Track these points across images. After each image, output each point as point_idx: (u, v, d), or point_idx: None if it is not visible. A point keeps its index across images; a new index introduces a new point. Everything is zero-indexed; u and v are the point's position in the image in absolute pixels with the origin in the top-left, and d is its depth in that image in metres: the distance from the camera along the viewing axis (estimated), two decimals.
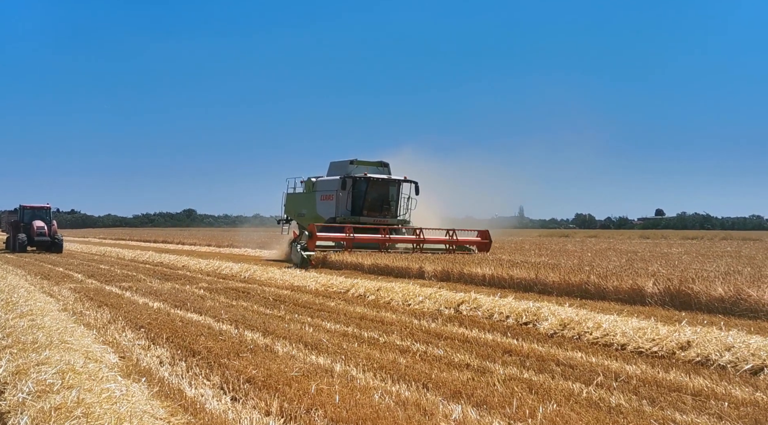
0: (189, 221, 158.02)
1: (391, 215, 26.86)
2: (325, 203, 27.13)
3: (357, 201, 26.32)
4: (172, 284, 17.22)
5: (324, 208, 27.09)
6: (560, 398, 6.09)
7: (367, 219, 25.89)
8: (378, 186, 26.80)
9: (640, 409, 5.78)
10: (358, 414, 5.53)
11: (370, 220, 25.87)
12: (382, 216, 26.52)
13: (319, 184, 28.09)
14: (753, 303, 10.91)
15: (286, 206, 30.40)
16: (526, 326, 10.33)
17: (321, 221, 25.85)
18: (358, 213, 26.13)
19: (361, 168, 26.94)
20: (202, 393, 6.35)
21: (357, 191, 26.37)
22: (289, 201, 30.28)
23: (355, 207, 26.29)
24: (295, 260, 22.80)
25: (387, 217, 26.61)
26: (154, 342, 8.87)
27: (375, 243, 24.01)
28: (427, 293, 13.39)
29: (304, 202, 28.87)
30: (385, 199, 26.96)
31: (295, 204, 29.76)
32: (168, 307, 12.46)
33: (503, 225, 50.37)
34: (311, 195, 28.26)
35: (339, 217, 25.99)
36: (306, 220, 27.76)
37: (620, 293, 12.96)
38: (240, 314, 11.44)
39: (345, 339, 9.17)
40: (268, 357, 7.84)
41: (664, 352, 8.10)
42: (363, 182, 26.35)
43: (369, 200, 26.47)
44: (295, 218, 29.65)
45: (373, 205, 26.65)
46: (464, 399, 6.04)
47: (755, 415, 5.57)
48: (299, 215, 29.08)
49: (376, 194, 26.77)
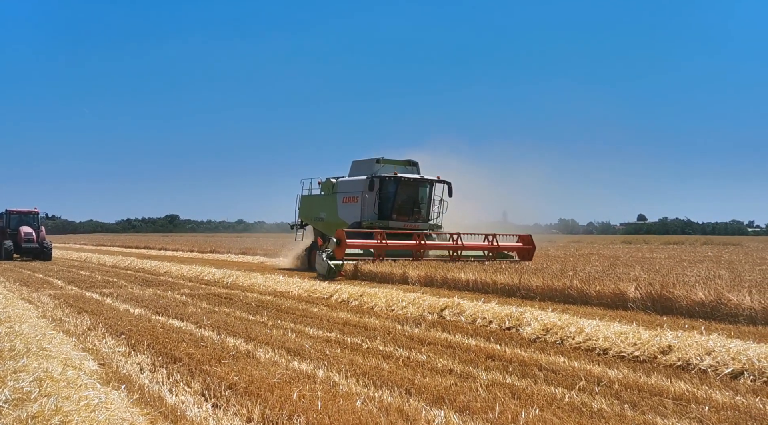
0: (172, 227, 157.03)
1: (422, 219, 24.40)
2: (348, 206, 24.67)
3: (385, 204, 23.83)
4: (154, 290, 17.08)
5: (347, 211, 24.62)
6: (543, 403, 6.09)
7: (396, 224, 23.51)
8: (409, 187, 24.26)
9: (622, 414, 5.80)
10: (341, 420, 5.49)
11: (400, 224, 23.53)
12: (412, 220, 24.12)
13: (341, 185, 25.47)
14: (733, 308, 11.00)
15: (301, 210, 27.69)
16: (509, 331, 10.35)
17: (343, 225, 23.35)
18: (387, 217, 23.66)
19: (387, 168, 24.45)
20: (183, 400, 6.28)
21: (386, 193, 23.84)
22: (304, 204, 27.58)
23: (384, 210, 23.79)
24: (321, 270, 20.02)
25: (418, 221, 24.23)
26: (134, 349, 8.78)
27: (406, 250, 21.68)
28: (410, 298, 13.38)
29: (322, 205, 26.22)
30: (416, 201, 24.48)
31: (311, 207, 27.06)
32: (149, 313, 12.35)
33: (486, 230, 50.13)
34: (331, 197, 25.62)
35: (365, 221, 23.55)
36: (326, 225, 25.50)
37: (603, 297, 13.02)
38: (222, 321, 11.36)
39: (328, 344, 9.13)
40: (250, 363, 7.78)
41: (646, 356, 8.15)
42: (392, 182, 23.73)
43: (399, 203, 23.94)
44: (311, 222, 27.05)
45: (404, 208, 24.16)
46: (447, 405, 6.02)
47: (735, 419, 5.60)
48: (317, 220, 26.44)
49: (406, 196, 24.24)
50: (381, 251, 20.76)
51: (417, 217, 24.27)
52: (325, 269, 19.57)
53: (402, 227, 23.27)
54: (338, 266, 19.65)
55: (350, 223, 23.71)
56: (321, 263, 20.04)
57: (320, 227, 25.98)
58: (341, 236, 20.48)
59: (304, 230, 27.74)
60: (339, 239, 20.49)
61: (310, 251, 25.26)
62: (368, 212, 23.74)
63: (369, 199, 23.68)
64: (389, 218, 23.57)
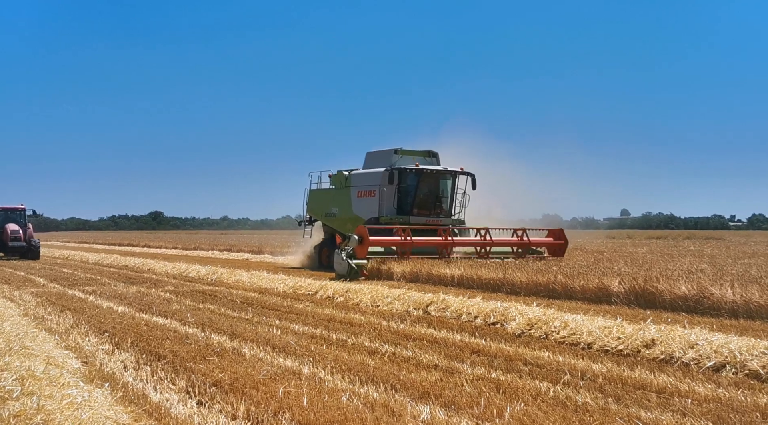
0: (155, 224, 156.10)
1: (444, 214, 22.81)
2: (364, 200, 23.04)
3: (406, 198, 22.26)
4: (138, 287, 16.96)
5: (363, 206, 23.00)
6: (528, 397, 6.12)
7: (417, 219, 21.92)
8: (431, 179, 22.65)
9: (606, 407, 5.84)
10: (326, 416, 5.49)
11: (421, 220, 21.96)
12: (434, 215, 22.55)
13: (356, 178, 23.81)
14: (715, 301, 11.11)
15: (309, 205, 26.09)
16: (494, 326, 10.38)
17: (358, 221, 21.84)
18: (407, 212, 22.10)
19: (406, 159, 22.89)
20: (168, 398, 6.25)
21: (406, 186, 22.28)
22: (313, 199, 25.92)
23: (404, 205, 22.25)
24: (340, 270, 18.41)
25: (440, 216, 22.66)
26: (118, 347, 8.72)
27: (431, 248, 20.15)
28: (395, 294, 13.39)
29: (334, 199, 24.57)
30: (438, 195, 22.88)
31: (321, 202, 25.38)
32: (133, 311, 12.27)
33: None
34: (344, 192, 23.98)
35: (384, 217, 21.92)
36: (338, 221, 23.91)
37: (587, 292, 13.10)
38: (207, 318, 11.31)
39: (313, 341, 9.12)
40: (235, 360, 7.75)
41: (630, 350, 8.20)
42: (413, 175, 22.14)
43: (420, 197, 22.36)
44: (321, 218, 25.32)
45: (425, 202, 22.56)
46: (432, 400, 6.03)
47: (718, 411, 5.66)
48: (328, 215, 24.73)
49: (428, 189, 22.65)
50: (406, 249, 19.35)
51: (439, 212, 22.77)
52: (346, 269, 18.04)
53: (424, 222, 21.79)
54: (360, 265, 18.16)
55: (367, 219, 22.12)
56: (341, 263, 18.40)
57: (332, 223, 24.45)
58: (363, 232, 18.90)
59: (312, 227, 26.24)
60: (361, 236, 18.87)
61: (321, 248, 24.21)
62: (387, 206, 22.17)
63: (388, 193, 22.09)
64: (410, 214, 22.09)
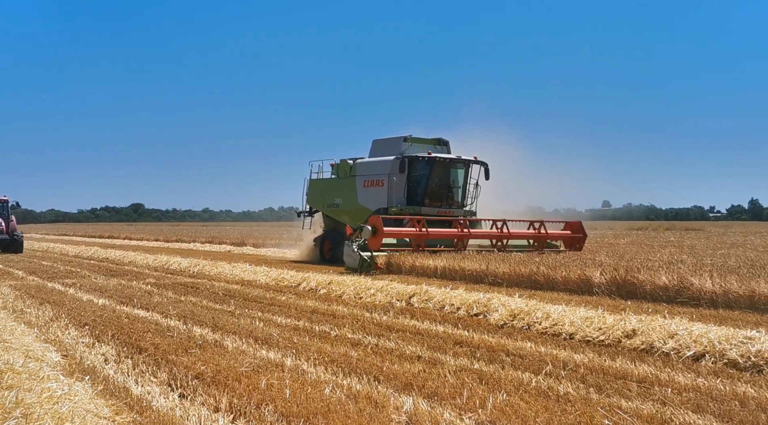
0: (136, 216, 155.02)
1: (456, 205, 22.06)
2: (370, 190, 22.16)
3: (417, 187, 21.45)
4: (118, 280, 16.83)
5: (370, 196, 22.15)
6: (510, 388, 6.15)
7: (428, 210, 21.04)
8: (443, 168, 21.84)
9: (588, 397, 5.88)
10: (309, 408, 5.47)
11: (433, 211, 21.16)
12: (446, 206, 21.78)
13: (362, 167, 22.94)
14: (695, 291, 11.22)
15: (310, 195, 25.23)
16: (476, 317, 10.42)
17: (365, 212, 21.27)
18: (418, 202, 21.30)
19: (416, 147, 22.15)
20: (149, 391, 6.20)
21: (417, 175, 21.45)
22: (313, 189, 25.05)
23: (415, 195, 21.43)
24: (351, 263, 17.70)
25: (453, 207, 21.92)
26: (98, 340, 8.64)
27: (446, 240, 19.51)
28: (378, 285, 13.39)
29: (337, 189, 23.65)
30: (450, 184, 22.09)
31: (323, 192, 24.49)
32: (114, 304, 12.17)
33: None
34: (349, 181, 23.07)
35: (394, 207, 21.06)
36: (342, 212, 23.18)
37: (569, 283, 13.17)
38: (188, 310, 11.24)
39: (296, 333, 9.10)
40: (218, 352, 7.71)
41: (611, 341, 8.27)
42: (425, 163, 21.33)
43: (432, 186, 21.55)
44: (323, 209, 24.48)
45: (437, 192, 21.77)
46: (415, 391, 6.04)
47: (697, 400, 5.72)
48: (331, 206, 23.87)
49: (440, 179, 21.84)
50: (421, 241, 18.51)
51: (451, 202, 22.01)
52: (357, 263, 17.29)
53: (435, 213, 20.94)
54: (372, 258, 17.27)
55: (374, 210, 21.39)
56: (351, 256, 17.69)
57: (335, 214, 23.73)
58: (377, 223, 18.01)
59: (312, 219, 25.47)
60: (374, 227, 17.98)
61: (323, 241, 23.53)
62: (396, 196, 21.31)
63: (398, 182, 21.27)
64: (421, 204, 21.29)
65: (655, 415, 5.31)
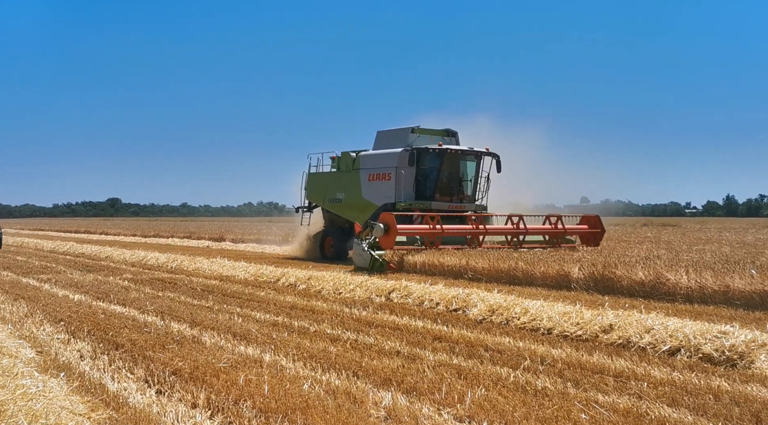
0: (113, 211, 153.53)
1: (467, 200, 20.87)
2: (376, 184, 20.98)
3: (427, 181, 20.25)
4: (95, 275, 16.65)
5: (375, 191, 20.99)
6: (488, 383, 6.17)
7: (438, 205, 19.94)
8: (454, 161, 20.67)
9: (565, 392, 5.92)
10: (288, 404, 5.46)
11: (443, 206, 19.99)
12: (457, 201, 20.60)
13: (366, 159, 21.78)
14: (671, 287, 11.36)
15: (309, 190, 24.04)
16: (455, 312, 10.44)
17: (370, 208, 20.56)
18: (429, 197, 20.11)
19: (424, 138, 20.97)
20: (126, 387, 6.15)
21: (427, 168, 20.28)
22: (312, 183, 23.90)
23: (425, 189, 20.22)
24: (360, 263, 16.71)
25: (464, 201, 20.72)
26: (74, 336, 8.54)
27: (459, 238, 18.47)
28: (357, 281, 13.38)
29: (339, 183, 22.57)
30: (461, 178, 20.95)
31: (323, 187, 23.34)
32: (90, 299, 12.03)
33: None
34: (352, 175, 21.99)
35: (401, 202, 19.91)
36: (345, 207, 22.20)
37: (547, 278, 13.26)
38: (166, 306, 11.15)
39: (275, 328, 9.06)
40: (196, 348, 7.66)
41: (588, 335, 8.33)
42: (436, 155, 20.10)
43: (443, 180, 20.37)
44: (324, 204, 23.34)
45: (448, 186, 20.59)
46: (394, 386, 6.05)
47: (672, 394, 5.78)
48: (332, 201, 22.76)
49: (450, 172, 20.63)
50: (435, 239, 17.58)
51: (462, 197, 20.83)
52: (368, 262, 16.31)
53: (446, 208, 19.86)
54: (383, 257, 16.40)
55: (380, 205, 20.36)
56: (361, 254, 16.75)
57: (336, 209, 22.74)
58: (390, 220, 16.99)
59: (310, 214, 24.19)
60: (387, 224, 16.95)
61: (323, 238, 22.52)
62: (405, 190, 20.15)
63: (406, 175, 20.02)
64: (431, 199, 20.11)
65: (631, 409, 5.37)
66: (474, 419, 5.21)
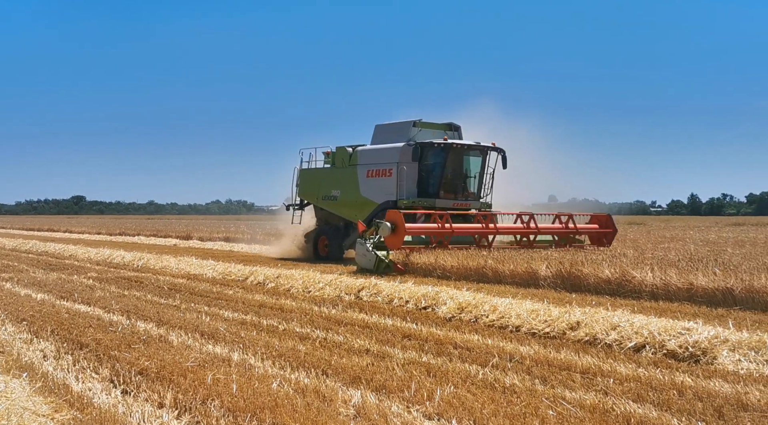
0: (77, 209, 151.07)
1: (472, 197, 20.02)
2: (376, 180, 20.03)
3: (431, 178, 19.35)
4: (58, 274, 16.35)
5: (374, 188, 20.01)
6: (457, 380, 6.20)
7: (443, 203, 19.04)
8: (459, 156, 19.77)
9: (533, 388, 5.98)
10: (256, 403, 5.42)
11: (448, 203, 19.10)
12: (462, 198, 19.77)
13: (364, 155, 20.76)
14: (636, 284, 11.53)
15: (301, 186, 22.87)
16: (425, 310, 10.47)
17: (368, 206, 19.76)
18: (433, 194, 19.24)
19: (425, 132, 20.04)
20: (90, 387, 6.05)
21: (431, 164, 19.36)
22: (305, 179, 22.79)
23: (428, 186, 19.34)
24: (364, 264, 15.67)
25: (469, 199, 19.89)
26: (37, 336, 8.38)
27: (467, 237, 17.64)
28: (327, 279, 13.34)
29: (334, 180, 21.52)
30: (466, 174, 20.11)
31: (316, 183, 22.27)
32: (53, 298, 11.82)
33: None
34: (349, 171, 20.95)
35: (404, 200, 19.00)
36: (341, 205, 21.22)
37: (516, 276, 13.37)
38: (132, 305, 11.00)
39: (243, 327, 8.99)
40: (162, 347, 7.57)
41: (556, 333, 8.42)
42: (440, 150, 19.15)
43: (448, 176, 19.50)
44: (317, 202, 22.28)
45: (453, 183, 19.76)
46: (364, 385, 6.04)
47: (637, 390, 5.87)
48: (326, 199, 21.75)
49: (455, 168, 19.74)
50: (443, 238, 16.75)
51: (467, 194, 20.02)
52: (372, 263, 15.41)
53: (451, 206, 18.92)
54: (389, 258, 15.57)
55: (380, 202, 19.50)
56: (365, 255, 15.72)
57: (331, 207, 21.72)
58: (397, 219, 16.12)
59: (302, 212, 23.06)
60: (394, 222, 16.08)
61: (317, 237, 21.55)
62: (408, 187, 19.21)
63: (408, 171, 19.15)
64: (436, 196, 19.26)
65: (597, 405, 5.44)
66: (443, 416, 5.23)
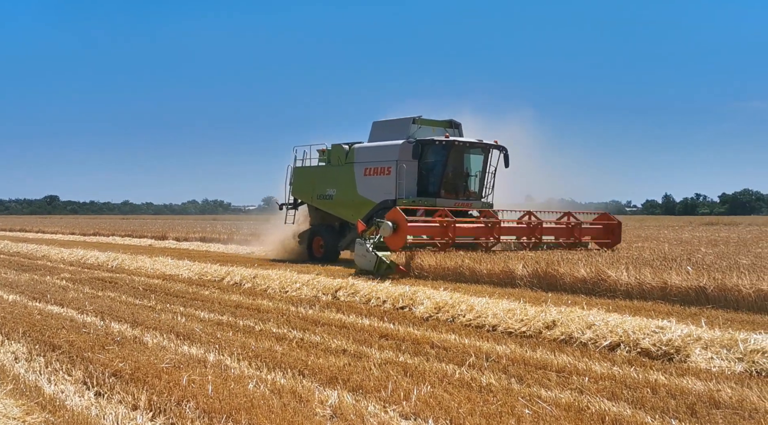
0: (50, 209, 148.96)
1: (474, 196, 19.42)
2: (373, 179, 19.37)
3: (432, 176, 18.76)
4: (30, 275, 16.11)
5: (372, 186, 19.34)
6: (434, 380, 6.21)
7: (444, 202, 18.37)
8: (460, 154, 19.25)
9: (509, 387, 6.00)
10: (232, 403, 5.38)
11: (449, 203, 18.38)
12: (464, 197, 19.18)
13: (362, 152, 20.10)
14: (611, 283, 11.64)
15: (295, 185, 22.09)
16: (402, 310, 10.48)
17: (366, 205, 19.12)
18: (433, 193, 18.62)
19: (425, 130, 19.40)
20: (63, 389, 5.96)
21: (432, 162, 18.80)
22: (299, 178, 22.03)
23: (429, 184, 18.73)
24: (364, 265, 15.07)
25: (470, 198, 19.30)
26: (8, 338, 8.24)
27: (470, 237, 16.99)
28: (304, 279, 13.29)
29: (330, 178, 20.81)
30: (467, 173, 19.54)
31: (311, 182, 21.50)
32: (25, 299, 11.64)
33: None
34: (345, 169, 20.26)
35: (403, 199, 18.27)
36: (337, 205, 20.55)
37: (492, 276, 13.42)
38: (106, 306, 10.87)
39: (219, 328, 8.93)
40: (137, 349, 7.48)
41: (532, 332, 8.47)
42: (442, 148, 18.57)
43: (449, 175, 18.96)
44: (312, 201, 21.53)
45: (454, 181, 19.20)
46: (340, 385, 6.03)
47: (612, 388, 5.93)
48: (322, 198, 21.04)
49: (455, 167, 19.19)
50: (449, 239, 16.16)
51: (468, 194, 19.42)
52: (373, 264, 14.79)
53: (452, 206, 18.15)
54: (390, 259, 14.91)
55: (378, 202, 18.90)
56: (365, 256, 15.08)
57: (327, 207, 21.01)
58: (399, 218, 15.37)
59: (296, 212, 22.33)
60: (396, 222, 15.34)
61: (312, 237, 20.88)
62: (407, 186, 18.58)
63: (408, 170, 18.50)
64: (437, 195, 18.63)
65: (572, 404, 5.48)
66: (420, 416, 5.23)
